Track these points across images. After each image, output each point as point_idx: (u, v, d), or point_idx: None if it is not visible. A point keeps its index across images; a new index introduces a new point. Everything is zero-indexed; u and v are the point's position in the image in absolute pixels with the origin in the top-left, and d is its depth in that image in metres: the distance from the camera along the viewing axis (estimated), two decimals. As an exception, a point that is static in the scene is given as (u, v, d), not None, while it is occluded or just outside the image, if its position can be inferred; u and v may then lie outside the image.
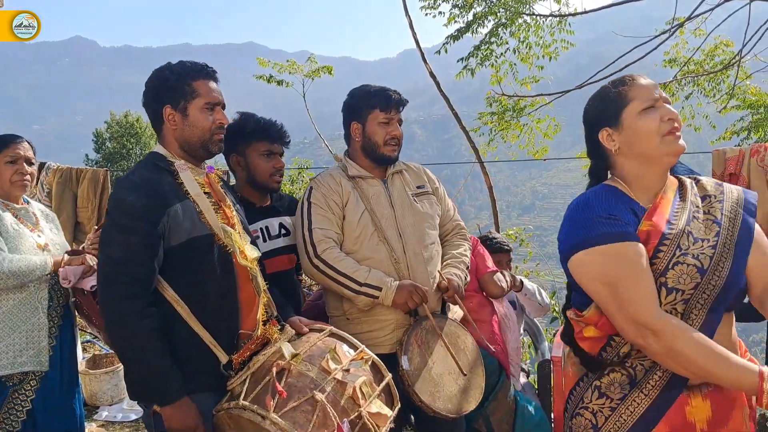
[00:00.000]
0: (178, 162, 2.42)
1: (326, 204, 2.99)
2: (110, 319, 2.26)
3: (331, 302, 3.09)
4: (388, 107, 3.06)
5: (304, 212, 3.01)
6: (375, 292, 2.84)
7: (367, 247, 2.96)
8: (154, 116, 2.46)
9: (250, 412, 2.18)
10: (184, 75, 2.41)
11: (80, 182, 6.53)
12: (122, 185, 2.33)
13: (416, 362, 2.80)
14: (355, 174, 3.09)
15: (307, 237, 2.95)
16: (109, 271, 2.23)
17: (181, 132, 2.42)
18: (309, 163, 11.85)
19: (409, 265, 2.96)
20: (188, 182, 2.39)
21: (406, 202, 3.08)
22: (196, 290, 2.34)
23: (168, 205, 2.29)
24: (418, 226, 3.04)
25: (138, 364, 2.24)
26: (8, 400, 2.93)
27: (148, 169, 2.39)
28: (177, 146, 2.45)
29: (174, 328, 2.29)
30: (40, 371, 3.00)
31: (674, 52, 10.37)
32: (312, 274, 2.95)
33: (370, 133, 3.07)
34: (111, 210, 2.31)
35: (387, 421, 2.39)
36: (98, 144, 38.18)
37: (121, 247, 2.23)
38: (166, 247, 2.29)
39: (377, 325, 2.94)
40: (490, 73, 9.67)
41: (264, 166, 3.09)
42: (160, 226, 2.27)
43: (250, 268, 2.45)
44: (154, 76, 2.45)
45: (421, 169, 3.34)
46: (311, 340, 2.47)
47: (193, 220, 2.34)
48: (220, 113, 2.47)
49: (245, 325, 2.45)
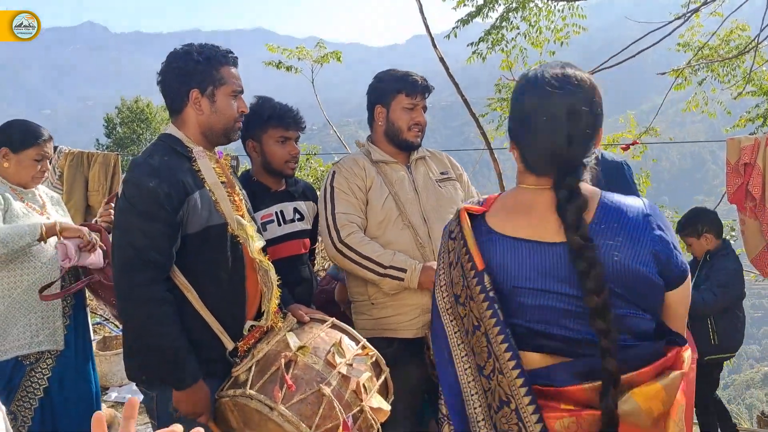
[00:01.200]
0: (196, 149, 2.41)
1: (349, 188, 2.98)
2: (128, 304, 2.27)
3: (354, 287, 3.07)
4: (413, 92, 3.04)
5: (327, 197, 3.00)
6: (400, 274, 2.83)
7: (391, 232, 2.95)
8: (175, 98, 2.43)
9: (257, 402, 2.19)
10: (213, 60, 2.39)
11: (91, 166, 6.55)
12: (141, 169, 2.30)
13: None
14: (378, 159, 3.07)
15: (330, 222, 2.94)
16: (130, 256, 2.23)
17: (207, 118, 2.41)
18: (317, 149, 11.85)
19: (434, 250, 2.93)
20: (206, 170, 2.39)
21: (431, 187, 3.07)
22: (206, 278, 2.35)
23: (188, 193, 2.29)
24: (442, 211, 3.02)
25: (156, 349, 2.25)
26: (25, 379, 2.97)
27: (166, 153, 2.37)
28: (198, 131, 2.43)
29: (182, 313, 2.30)
30: (56, 350, 3.04)
31: (689, 36, 10.21)
32: (336, 258, 2.94)
33: (393, 118, 3.05)
34: (130, 194, 2.28)
35: (386, 416, 2.42)
36: (109, 129, 38.31)
37: (142, 233, 2.22)
38: (183, 235, 2.30)
39: (402, 310, 2.93)
40: (499, 59, 9.60)
41: (279, 152, 3.08)
42: (180, 214, 2.27)
43: (261, 261, 2.45)
44: (180, 58, 2.39)
45: (444, 155, 3.33)
46: (314, 331, 2.48)
47: (209, 209, 2.34)
48: (242, 101, 2.47)
49: (249, 314, 2.48)
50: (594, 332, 1.48)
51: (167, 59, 2.44)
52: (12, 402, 2.93)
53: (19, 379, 2.96)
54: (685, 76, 9.83)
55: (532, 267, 1.56)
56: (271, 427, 2.20)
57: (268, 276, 2.48)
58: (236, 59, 2.49)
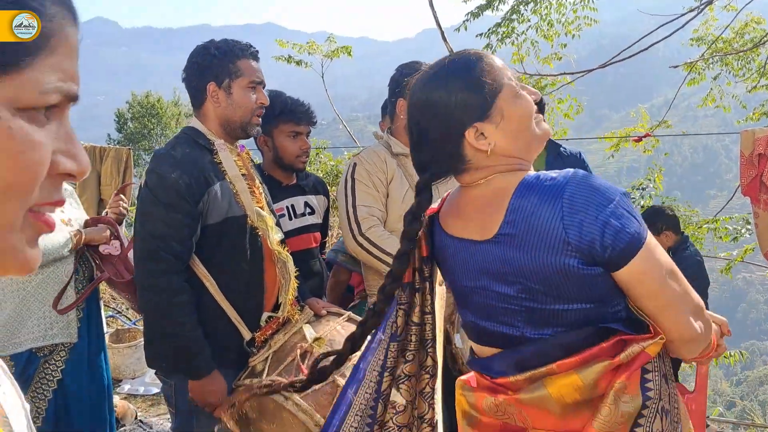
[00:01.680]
0: (218, 141, 2.45)
1: (370, 181, 2.97)
2: (146, 293, 2.32)
3: (372, 280, 3.06)
4: None
5: (348, 189, 2.99)
6: None
7: None
8: (195, 92, 2.49)
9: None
10: (229, 53, 2.43)
11: (104, 161, 6.60)
12: (164, 161, 2.35)
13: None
14: (399, 151, 3.05)
15: (351, 214, 2.93)
16: (150, 246, 2.28)
17: (224, 110, 2.44)
18: (326, 143, 11.86)
19: None
20: (227, 162, 2.42)
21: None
22: (226, 268, 2.39)
23: (209, 184, 2.33)
24: None
25: (172, 338, 2.29)
26: (39, 371, 3.00)
27: (189, 145, 2.42)
28: (217, 124, 2.47)
29: (201, 303, 2.34)
30: (70, 342, 3.07)
31: (703, 30, 10.12)
32: (355, 251, 2.94)
33: None
34: (152, 185, 2.33)
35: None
36: (120, 124, 38.46)
37: (163, 223, 2.27)
38: (203, 225, 2.34)
39: None
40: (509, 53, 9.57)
41: (290, 147, 3.08)
42: (201, 205, 2.31)
43: (279, 253, 2.48)
44: (199, 53, 2.46)
45: None
46: (331, 324, 2.50)
47: (230, 200, 2.38)
48: (262, 93, 2.49)
49: (267, 305, 2.50)
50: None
51: (189, 56, 2.50)
52: (26, 393, 2.96)
53: (33, 371, 2.99)
54: (699, 70, 9.75)
55: (474, 265, 1.56)
56: (285, 417, 2.22)
57: (286, 267, 2.50)
58: (256, 52, 2.52)
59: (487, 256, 1.52)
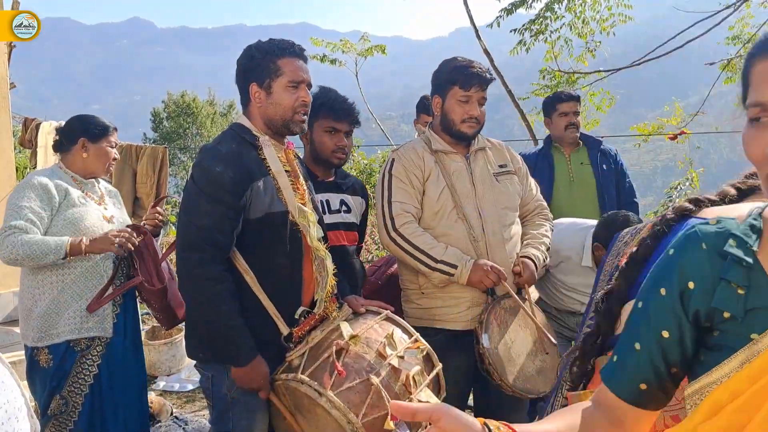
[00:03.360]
0: (262, 137, 2.49)
1: (407, 177, 2.97)
2: (188, 282, 2.38)
3: (406, 275, 3.08)
4: (468, 85, 2.96)
5: (384, 184, 3.00)
6: (450, 269, 2.83)
7: (445, 224, 2.94)
8: (241, 93, 2.54)
9: (307, 387, 2.25)
10: (270, 53, 2.46)
11: (140, 159, 6.71)
12: (210, 155, 2.41)
13: (496, 341, 2.79)
14: (438, 148, 3.04)
15: (386, 209, 2.95)
16: (193, 237, 2.33)
17: (265, 110, 2.48)
18: (360, 142, 11.89)
19: (488, 244, 2.93)
20: (271, 159, 2.46)
21: (488, 181, 3.03)
22: (265, 263, 2.43)
23: (253, 179, 2.38)
24: (498, 206, 2.99)
25: (215, 326, 2.33)
26: (77, 365, 3.06)
27: (235, 141, 2.47)
28: (261, 122, 2.51)
29: (241, 297, 2.37)
30: (106, 337, 3.12)
31: (739, 28, 9.93)
32: (389, 246, 2.96)
33: (447, 110, 3.02)
34: (198, 178, 2.39)
35: None
36: (156, 123, 39.04)
37: (206, 215, 2.32)
38: (245, 219, 2.38)
39: (452, 302, 2.93)
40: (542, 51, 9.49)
41: (327, 142, 3.08)
42: (244, 199, 2.35)
43: (317, 250, 2.50)
44: (244, 54, 2.52)
45: (504, 147, 3.27)
46: (368, 322, 2.52)
47: (272, 196, 2.42)
48: (304, 91, 2.50)
49: (305, 301, 2.53)
50: None
51: (238, 58, 2.56)
52: (64, 387, 3.03)
53: (70, 365, 3.05)
54: (736, 69, 9.57)
55: None
56: (319, 413, 2.24)
57: (323, 265, 2.53)
58: (300, 50, 2.54)
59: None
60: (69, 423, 3.05)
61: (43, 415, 3.06)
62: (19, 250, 2.87)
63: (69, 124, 3.30)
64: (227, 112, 39.90)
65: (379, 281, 3.56)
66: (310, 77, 2.53)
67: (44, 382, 3.05)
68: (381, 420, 2.23)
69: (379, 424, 2.22)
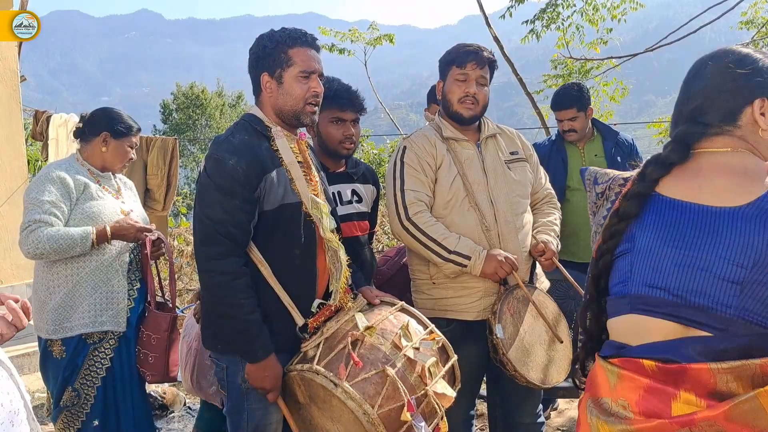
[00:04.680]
0: (275, 128, 2.47)
1: (419, 165, 2.93)
2: (205, 275, 2.36)
3: (416, 265, 3.05)
4: (463, 63, 2.92)
5: (396, 172, 2.96)
6: (464, 260, 2.80)
7: (457, 213, 2.90)
8: (254, 83, 2.52)
9: (323, 378, 2.24)
10: (281, 43, 2.43)
11: (150, 150, 6.72)
12: (222, 147, 2.38)
13: (509, 331, 2.77)
14: (449, 136, 3.00)
15: (399, 198, 2.90)
16: (208, 230, 2.32)
17: (276, 100, 2.46)
18: (369, 131, 11.88)
19: (500, 233, 2.90)
20: (283, 150, 2.44)
21: (499, 169, 2.99)
22: (280, 254, 2.41)
23: (266, 171, 2.36)
24: (510, 194, 2.96)
25: (231, 320, 2.32)
26: (89, 357, 3.07)
27: (247, 132, 2.44)
28: (272, 113, 2.49)
29: (257, 288, 2.37)
30: (119, 331, 3.13)
31: (752, 13, 9.82)
32: (401, 235, 2.92)
33: (446, 91, 2.99)
34: (211, 170, 2.36)
35: (450, 402, 2.42)
36: (165, 115, 39.10)
37: (220, 207, 2.30)
38: (259, 211, 2.37)
39: (464, 292, 2.90)
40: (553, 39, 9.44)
41: (334, 133, 3.05)
42: (258, 191, 2.34)
43: (330, 241, 2.49)
44: (256, 44, 2.49)
45: (515, 134, 3.22)
46: (383, 313, 2.51)
47: (285, 187, 2.40)
48: (316, 81, 2.47)
49: (320, 292, 2.53)
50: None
51: (250, 48, 2.53)
52: (76, 380, 3.05)
53: (83, 359, 3.06)
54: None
55: (694, 229, 1.46)
56: (335, 404, 2.24)
57: (337, 256, 2.52)
58: (313, 39, 2.51)
59: (720, 223, 1.42)
60: (81, 414, 3.07)
61: (55, 406, 3.08)
62: (45, 244, 2.89)
63: (95, 115, 3.31)
64: (236, 103, 39.92)
65: (390, 271, 3.56)
66: (322, 67, 2.50)
67: (57, 373, 3.06)
68: (397, 411, 2.22)
69: (395, 415, 2.22)
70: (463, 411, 2.96)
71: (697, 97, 1.57)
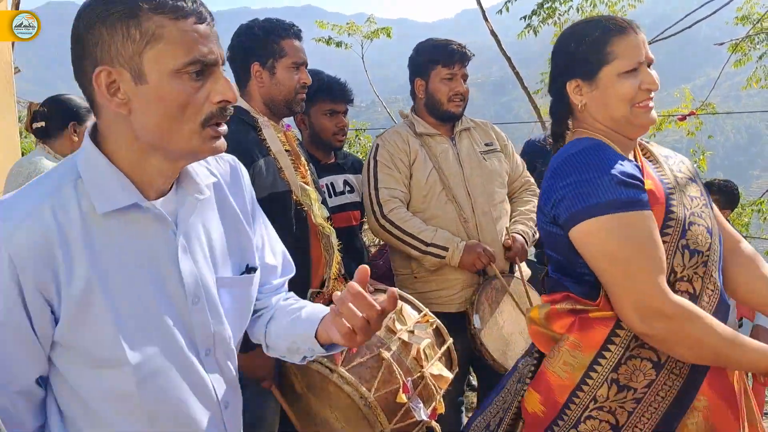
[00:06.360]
0: (261, 119, 2.49)
1: (393, 163, 2.97)
2: None
3: (398, 261, 3.10)
4: (450, 62, 2.99)
5: (370, 171, 3.01)
6: (442, 252, 2.84)
7: (435, 207, 2.95)
8: (240, 72, 2.53)
9: (318, 364, 2.25)
10: (273, 33, 2.47)
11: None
12: None
13: (487, 321, 2.82)
14: (422, 131, 3.05)
15: (373, 196, 2.95)
16: None
17: (268, 90, 2.49)
18: (366, 125, 11.86)
19: (478, 224, 2.95)
20: (271, 139, 2.46)
21: (475, 160, 3.04)
22: None
23: (253, 160, 2.37)
24: (486, 185, 3.01)
25: None
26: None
27: (233, 123, 2.45)
28: (261, 103, 2.51)
29: None
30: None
31: (747, 8, 9.85)
32: (378, 233, 2.97)
33: (433, 90, 3.02)
34: None
35: (447, 383, 2.45)
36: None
37: None
38: None
39: (445, 285, 2.95)
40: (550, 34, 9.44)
41: (327, 125, 3.11)
42: None
43: (323, 227, 2.51)
44: (244, 33, 2.51)
45: (488, 125, 3.28)
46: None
47: (274, 175, 2.42)
48: (304, 73, 2.53)
49: (314, 281, 2.53)
50: None
51: (234, 35, 2.54)
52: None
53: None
54: (745, 51, 9.50)
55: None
56: (331, 390, 2.26)
57: (329, 241, 2.54)
58: (299, 31, 2.55)
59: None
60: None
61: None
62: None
63: (54, 110, 3.19)
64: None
65: (386, 265, 3.58)
66: (307, 58, 2.55)
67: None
68: (393, 394, 2.25)
69: (392, 398, 2.24)
70: (451, 397, 2.99)
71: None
